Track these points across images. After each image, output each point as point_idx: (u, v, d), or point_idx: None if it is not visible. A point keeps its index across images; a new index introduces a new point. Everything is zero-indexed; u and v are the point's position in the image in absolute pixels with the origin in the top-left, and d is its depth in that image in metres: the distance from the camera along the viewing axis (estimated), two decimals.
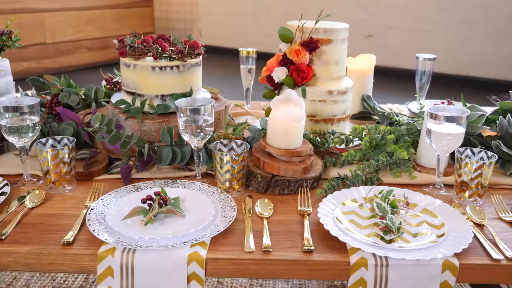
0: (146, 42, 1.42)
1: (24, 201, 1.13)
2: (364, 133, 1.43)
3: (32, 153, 1.38)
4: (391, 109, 1.81)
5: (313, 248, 0.97)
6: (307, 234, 1.01)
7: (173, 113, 1.41)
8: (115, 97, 1.52)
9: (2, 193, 1.14)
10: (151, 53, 1.40)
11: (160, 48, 1.40)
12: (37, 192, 1.16)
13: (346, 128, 1.53)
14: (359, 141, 1.45)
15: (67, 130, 1.35)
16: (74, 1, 4.93)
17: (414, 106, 1.81)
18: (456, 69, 5.06)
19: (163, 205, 1.06)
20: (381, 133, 1.41)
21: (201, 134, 1.20)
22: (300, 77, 1.39)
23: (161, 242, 0.95)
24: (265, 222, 1.06)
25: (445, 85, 4.86)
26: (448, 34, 5.09)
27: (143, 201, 1.07)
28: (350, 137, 1.42)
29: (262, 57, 1.95)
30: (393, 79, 4.75)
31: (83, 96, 1.60)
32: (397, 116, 1.60)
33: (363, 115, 1.72)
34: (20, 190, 1.21)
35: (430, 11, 5.14)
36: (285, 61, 1.41)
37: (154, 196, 1.07)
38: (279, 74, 1.41)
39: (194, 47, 1.44)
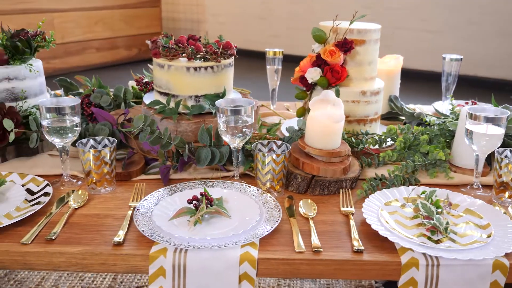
0: (181, 42, 1.42)
1: (67, 202, 1.14)
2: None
3: (72, 155, 1.39)
4: (413, 109, 1.82)
5: (363, 248, 0.97)
6: (355, 234, 1.02)
7: (208, 114, 1.42)
8: (147, 98, 1.52)
9: (45, 194, 1.14)
10: (185, 54, 1.40)
11: (194, 49, 1.40)
12: (80, 192, 1.17)
13: (377, 128, 1.54)
14: (391, 142, 1.45)
15: (103, 130, 1.35)
16: (83, 1, 4.92)
17: (440, 106, 1.82)
18: (464, 69, 5.05)
19: (209, 205, 1.07)
20: (414, 133, 1.41)
21: (241, 135, 1.20)
22: (334, 77, 1.39)
23: (212, 242, 0.96)
24: (311, 222, 1.07)
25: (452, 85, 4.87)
26: (456, 34, 5.10)
27: (189, 202, 1.08)
28: (383, 137, 1.42)
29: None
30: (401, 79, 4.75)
31: (112, 97, 1.60)
32: (426, 116, 1.61)
33: (390, 116, 1.72)
34: (60, 190, 1.21)
35: (437, 11, 5.15)
36: (318, 62, 1.42)
37: (200, 197, 1.08)
38: (313, 74, 1.41)
39: (227, 48, 1.44)
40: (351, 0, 5.62)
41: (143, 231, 0.99)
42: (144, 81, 1.63)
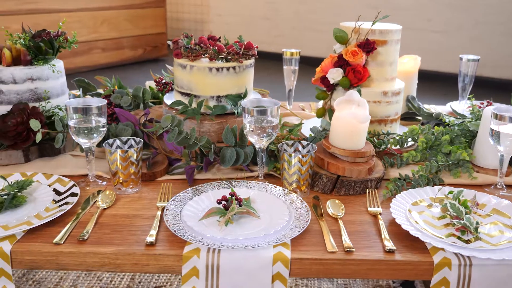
0: (203, 43, 1.43)
1: (95, 202, 1.14)
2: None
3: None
4: (428, 109, 1.82)
5: (395, 248, 0.97)
6: (385, 234, 1.02)
7: (230, 114, 1.42)
8: (167, 98, 1.53)
9: (73, 194, 1.14)
10: (208, 55, 1.40)
11: (217, 50, 1.41)
12: (107, 192, 1.17)
13: (397, 128, 1.54)
14: (411, 142, 1.46)
15: (126, 131, 1.35)
16: (89, 1, 4.92)
17: (456, 106, 1.82)
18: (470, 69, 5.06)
19: (238, 205, 1.07)
20: (434, 133, 1.42)
21: (267, 135, 1.20)
22: (356, 78, 1.39)
23: (245, 242, 0.96)
24: (340, 222, 1.07)
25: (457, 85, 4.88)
26: (462, 35, 5.10)
27: (219, 202, 1.08)
28: (404, 137, 1.42)
29: (273, 58, 1.96)
30: None
31: (131, 97, 1.60)
32: (445, 117, 1.61)
33: (408, 116, 1.73)
34: (85, 191, 1.21)
35: (444, 12, 5.16)
36: (340, 62, 1.42)
37: (229, 197, 1.08)
38: (335, 75, 1.42)
39: (248, 48, 1.44)
40: (357, 1, 5.63)
41: (174, 231, 0.99)
42: (163, 81, 1.63)
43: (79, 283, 1.71)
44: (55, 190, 1.17)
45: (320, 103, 1.93)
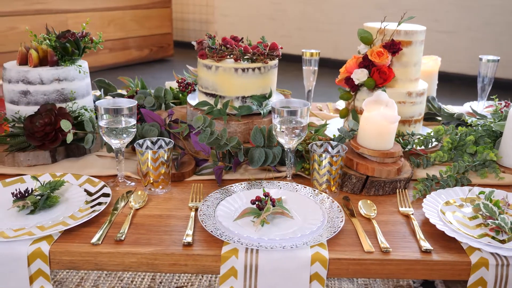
0: (229, 44, 1.43)
1: (127, 202, 1.14)
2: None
3: (114, 155, 1.39)
4: (447, 109, 1.82)
5: (431, 248, 0.98)
6: (420, 235, 1.02)
7: (255, 115, 1.42)
8: (190, 99, 1.53)
9: (104, 194, 1.15)
10: (234, 55, 1.41)
11: (243, 50, 1.41)
12: (139, 193, 1.17)
13: (420, 129, 1.55)
14: (435, 142, 1.46)
15: (152, 131, 1.35)
16: (96, 2, 4.93)
17: (476, 106, 1.83)
18: (477, 69, 5.07)
19: (272, 206, 1.07)
20: (458, 134, 1.42)
21: (295, 136, 1.21)
22: (382, 78, 1.40)
23: (282, 242, 0.96)
24: (374, 223, 1.07)
25: (467, 86, 4.89)
26: (469, 35, 5.11)
27: (253, 202, 1.08)
28: (430, 138, 1.42)
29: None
30: None
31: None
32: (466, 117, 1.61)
33: (428, 116, 1.73)
34: (115, 191, 1.21)
35: (451, 12, 5.16)
36: (365, 63, 1.42)
37: (263, 197, 1.08)
38: (359, 75, 1.42)
39: (273, 49, 1.45)
40: (363, 1, 5.64)
41: (211, 231, 0.99)
42: (185, 82, 1.64)
43: (100, 283, 1.72)
44: (86, 191, 1.17)
45: (339, 103, 1.94)
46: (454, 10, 5.16)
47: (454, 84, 5.02)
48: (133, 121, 1.20)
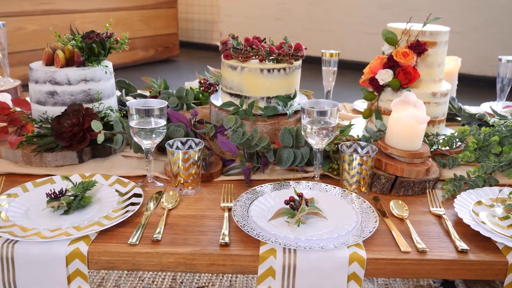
0: (254, 44, 1.43)
1: (159, 203, 1.15)
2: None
3: (143, 156, 1.40)
4: (467, 110, 1.83)
5: (468, 248, 0.98)
6: (455, 235, 1.03)
7: (280, 115, 1.43)
8: (214, 99, 1.53)
9: (136, 195, 1.15)
10: (259, 56, 1.41)
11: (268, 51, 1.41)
12: (171, 193, 1.18)
13: (443, 129, 1.55)
14: (459, 143, 1.46)
15: (178, 131, 1.35)
16: (102, 2, 4.93)
17: (495, 107, 1.83)
18: (483, 70, 5.08)
19: (306, 206, 1.07)
20: (482, 134, 1.43)
21: (325, 136, 1.21)
22: (407, 79, 1.40)
23: (319, 243, 0.97)
24: (408, 223, 1.08)
25: (472, 86, 4.89)
26: (474, 35, 5.12)
27: (286, 202, 1.08)
28: (454, 138, 1.43)
29: None
30: None
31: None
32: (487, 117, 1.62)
33: (448, 117, 1.73)
34: (144, 191, 1.21)
35: (457, 12, 5.17)
36: (390, 63, 1.43)
37: (296, 198, 1.08)
38: (384, 76, 1.42)
39: (298, 49, 1.45)
40: (369, 1, 5.65)
41: (247, 231, 1.00)
42: (208, 82, 1.64)
43: (121, 283, 1.72)
44: (117, 191, 1.17)
45: (357, 103, 1.94)
46: (459, 10, 5.17)
47: (460, 84, 5.03)
48: (163, 121, 1.21)
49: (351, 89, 4.44)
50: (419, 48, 1.39)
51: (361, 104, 1.98)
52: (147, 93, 1.77)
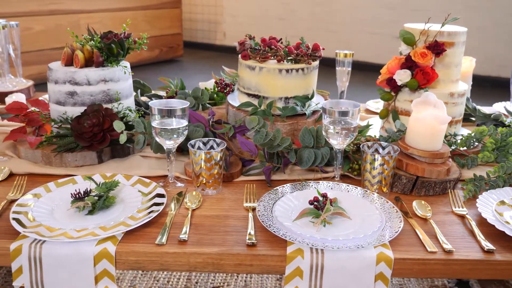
0: (273, 45, 1.43)
1: (182, 203, 1.15)
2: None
3: (162, 156, 1.40)
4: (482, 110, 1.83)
5: (494, 248, 0.98)
6: (480, 235, 1.03)
7: (298, 115, 1.43)
8: (230, 99, 1.53)
9: (159, 195, 1.15)
10: (278, 56, 1.41)
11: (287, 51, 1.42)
12: (194, 193, 1.18)
13: (460, 129, 1.55)
14: (476, 143, 1.47)
15: (197, 132, 1.36)
16: (108, 2, 4.93)
17: (510, 107, 1.83)
18: (488, 70, 5.09)
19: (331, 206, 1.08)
20: (499, 134, 1.43)
21: (348, 136, 1.21)
22: (425, 79, 1.40)
23: (346, 243, 0.97)
24: (432, 223, 1.08)
25: (476, 86, 4.89)
26: (480, 35, 5.12)
27: (311, 202, 1.09)
28: (472, 139, 1.43)
29: None
30: None
31: None
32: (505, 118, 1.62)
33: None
34: (165, 191, 1.21)
35: (461, 12, 5.17)
36: (408, 64, 1.43)
37: (321, 198, 1.09)
38: (403, 76, 1.43)
39: (315, 50, 1.45)
40: (373, 1, 5.65)
41: (274, 231, 1.00)
42: (224, 82, 1.64)
43: (137, 283, 1.72)
44: (139, 191, 1.18)
45: (369, 103, 1.95)
46: (464, 10, 5.17)
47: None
48: (185, 122, 1.21)
49: (358, 89, 4.44)
50: (437, 48, 1.39)
51: (373, 104, 1.98)
52: (161, 93, 1.77)
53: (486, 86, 5.02)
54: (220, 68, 1.87)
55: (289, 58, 1.42)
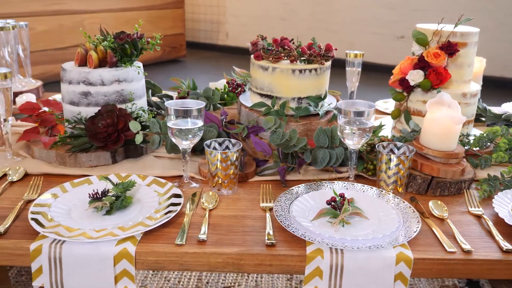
0: (286, 45, 1.44)
1: (198, 203, 1.15)
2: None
3: (175, 156, 1.40)
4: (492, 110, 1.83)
5: None
6: (499, 235, 1.03)
7: (311, 115, 1.43)
8: (242, 99, 1.53)
9: (175, 195, 1.15)
10: (291, 56, 1.41)
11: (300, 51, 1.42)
12: (210, 193, 1.18)
13: (471, 130, 1.56)
14: (488, 143, 1.47)
15: (211, 132, 1.36)
16: (111, 2, 4.93)
17: None
18: (490, 70, 5.09)
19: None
20: (511, 134, 1.43)
21: (358, 136, 1.21)
22: (438, 79, 1.41)
23: (365, 243, 0.97)
24: (450, 223, 1.08)
25: (482, 86, 4.90)
26: (482, 36, 5.12)
27: (328, 203, 1.09)
28: (485, 139, 1.43)
29: None
30: None
31: None
32: None
33: None
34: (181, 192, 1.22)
35: (465, 12, 5.17)
36: (421, 64, 1.43)
37: (338, 198, 1.09)
38: (415, 77, 1.43)
39: (328, 50, 1.45)
40: (373, 1, 5.65)
41: (293, 232, 1.00)
42: (236, 83, 1.64)
43: (148, 283, 1.72)
44: (155, 191, 1.18)
45: (378, 103, 1.95)
46: (466, 11, 5.17)
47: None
48: (200, 122, 1.21)
49: (359, 89, 4.45)
50: (450, 49, 1.39)
51: (382, 104, 1.98)
52: (172, 93, 1.77)
53: (488, 86, 5.01)
54: (222, 68, 1.87)
55: (302, 58, 1.43)
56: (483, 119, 1.75)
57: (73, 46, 4.43)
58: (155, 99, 1.75)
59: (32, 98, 1.79)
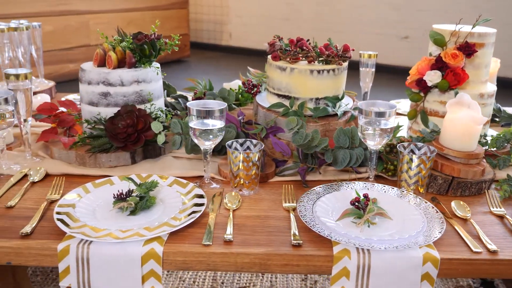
0: (304, 46, 1.44)
1: (221, 203, 1.15)
2: None
3: (194, 156, 1.40)
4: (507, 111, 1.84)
5: None
6: None
7: (330, 116, 1.43)
8: (260, 100, 1.54)
9: (197, 195, 1.15)
10: (310, 57, 1.41)
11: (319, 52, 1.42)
12: (233, 194, 1.18)
13: (488, 130, 1.56)
14: (505, 143, 1.47)
15: (229, 132, 1.36)
16: (116, 3, 4.94)
17: None
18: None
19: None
20: None
21: (380, 138, 1.22)
22: (456, 80, 1.41)
23: (392, 243, 0.97)
24: (474, 224, 1.08)
25: None
26: None
27: (352, 203, 1.09)
28: (502, 139, 1.44)
29: None
30: None
31: None
32: None
33: None
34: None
35: (467, 13, 5.18)
36: (439, 65, 1.43)
37: (362, 198, 1.09)
38: (433, 77, 1.43)
39: (346, 51, 1.46)
40: (378, 2, 5.66)
41: (319, 232, 1.00)
42: (252, 83, 1.65)
43: (163, 283, 1.72)
44: (177, 192, 1.18)
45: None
46: (470, 11, 5.18)
47: None
48: (222, 122, 1.21)
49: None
50: (468, 49, 1.40)
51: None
52: (186, 94, 1.78)
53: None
54: (224, 68, 1.87)
55: (320, 59, 1.43)
56: (497, 119, 1.76)
57: (79, 46, 4.44)
58: (169, 99, 1.76)
59: (47, 98, 1.79)
